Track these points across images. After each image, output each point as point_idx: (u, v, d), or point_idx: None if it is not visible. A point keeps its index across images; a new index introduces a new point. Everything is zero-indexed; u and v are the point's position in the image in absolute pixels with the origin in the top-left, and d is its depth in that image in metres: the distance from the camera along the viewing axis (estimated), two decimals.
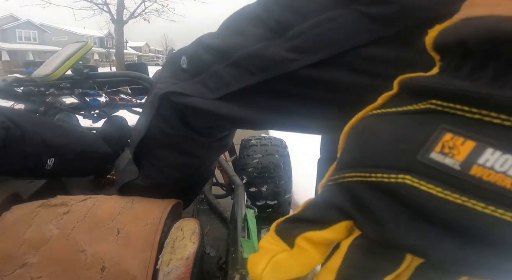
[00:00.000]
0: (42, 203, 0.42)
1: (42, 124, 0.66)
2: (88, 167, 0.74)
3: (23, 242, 0.35)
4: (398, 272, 0.15)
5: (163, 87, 0.37)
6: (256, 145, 1.20)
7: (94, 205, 0.41)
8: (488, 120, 0.12)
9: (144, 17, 11.47)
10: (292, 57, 0.26)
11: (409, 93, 0.16)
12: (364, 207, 0.15)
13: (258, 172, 1.12)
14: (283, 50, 0.27)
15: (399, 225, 0.14)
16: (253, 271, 0.18)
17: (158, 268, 0.34)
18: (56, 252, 0.35)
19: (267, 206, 1.13)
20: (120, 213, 0.40)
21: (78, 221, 0.38)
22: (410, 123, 0.15)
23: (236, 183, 0.69)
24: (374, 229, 0.15)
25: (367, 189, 0.15)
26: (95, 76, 0.86)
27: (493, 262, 0.13)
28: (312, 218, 0.18)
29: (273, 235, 0.19)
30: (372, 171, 0.15)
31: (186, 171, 0.45)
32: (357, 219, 0.16)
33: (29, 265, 0.33)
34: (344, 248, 0.16)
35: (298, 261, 0.17)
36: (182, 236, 0.38)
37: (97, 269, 0.33)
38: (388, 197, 0.15)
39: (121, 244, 0.36)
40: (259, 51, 0.28)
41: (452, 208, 0.13)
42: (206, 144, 0.41)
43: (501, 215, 0.12)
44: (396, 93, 0.17)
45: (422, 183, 0.13)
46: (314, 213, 0.18)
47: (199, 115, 0.35)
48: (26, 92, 0.81)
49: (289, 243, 0.18)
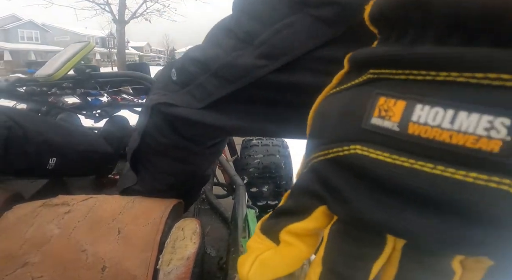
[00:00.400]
0: (44, 203, 0.42)
1: (44, 124, 0.66)
2: (90, 167, 0.75)
3: (25, 242, 0.35)
4: (385, 256, 0.14)
5: (154, 98, 0.39)
6: (257, 145, 1.20)
7: (95, 205, 0.41)
8: (412, 79, 0.13)
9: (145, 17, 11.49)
10: (261, 63, 0.28)
11: (355, 68, 0.16)
12: (331, 187, 0.15)
13: (259, 172, 1.12)
14: (253, 58, 0.29)
15: (361, 200, 0.14)
16: (240, 273, 0.18)
17: (158, 268, 0.34)
18: (57, 251, 0.35)
19: (268, 206, 1.13)
20: (121, 213, 0.40)
21: (79, 221, 0.38)
22: (354, 95, 0.15)
23: (237, 183, 0.69)
24: (343, 208, 0.14)
25: (328, 167, 0.15)
26: (97, 76, 0.86)
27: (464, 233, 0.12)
28: (291, 209, 0.17)
29: (259, 234, 0.18)
30: (329, 148, 0.15)
31: (181, 177, 0.46)
32: (328, 201, 0.15)
33: (30, 264, 0.33)
34: (326, 236, 0.16)
35: (284, 257, 0.17)
36: (183, 236, 0.38)
37: (97, 269, 0.33)
38: (346, 171, 0.14)
39: (122, 243, 0.36)
40: (232, 60, 0.30)
41: (402, 172, 0.12)
42: (198, 152, 0.43)
43: (452, 174, 0.11)
44: (347, 71, 0.17)
45: (371, 150, 0.13)
46: (292, 204, 0.17)
47: (188, 124, 0.37)
48: (28, 92, 0.81)
49: (275, 240, 0.17)
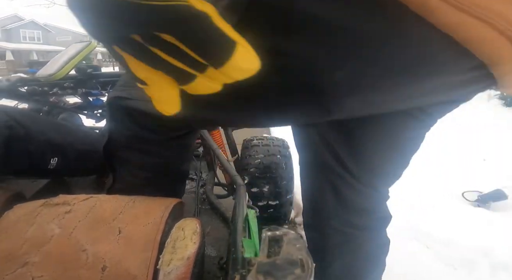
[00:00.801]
0: (44, 202, 0.42)
1: (45, 123, 0.66)
2: (91, 167, 0.75)
3: (25, 241, 0.35)
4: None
5: (111, 94, 0.42)
6: (258, 145, 1.20)
7: (95, 205, 0.41)
8: None
9: None
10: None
11: None
12: None
13: (259, 172, 1.12)
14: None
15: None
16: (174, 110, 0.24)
17: (158, 268, 0.34)
18: (58, 251, 0.35)
19: (268, 206, 1.13)
20: (122, 213, 0.40)
21: (79, 221, 0.38)
22: None
23: (238, 183, 0.69)
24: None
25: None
26: (99, 76, 0.86)
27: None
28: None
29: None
30: None
31: (154, 171, 0.47)
32: None
33: (31, 264, 0.33)
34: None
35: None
36: (183, 236, 0.38)
37: (98, 269, 0.33)
38: None
39: (122, 243, 0.36)
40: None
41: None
42: (162, 143, 0.44)
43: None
44: None
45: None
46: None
47: (143, 115, 0.39)
48: (30, 92, 0.81)
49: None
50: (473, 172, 1.82)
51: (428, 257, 1.06)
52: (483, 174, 1.79)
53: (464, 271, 0.98)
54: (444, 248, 1.09)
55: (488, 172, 1.83)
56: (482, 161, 2.02)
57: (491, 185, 1.51)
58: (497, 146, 2.37)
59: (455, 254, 1.05)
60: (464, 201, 1.46)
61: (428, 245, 1.13)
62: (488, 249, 1.04)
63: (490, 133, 2.75)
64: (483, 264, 0.99)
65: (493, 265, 0.98)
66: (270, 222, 1.18)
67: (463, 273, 0.98)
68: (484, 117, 3.40)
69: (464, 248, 1.07)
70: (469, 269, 0.98)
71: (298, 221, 1.35)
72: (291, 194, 1.21)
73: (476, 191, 1.50)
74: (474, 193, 1.48)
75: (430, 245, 1.13)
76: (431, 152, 2.18)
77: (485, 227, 1.23)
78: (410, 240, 1.17)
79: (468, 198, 1.45)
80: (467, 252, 1.05)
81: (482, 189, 1.49)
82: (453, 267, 1.01)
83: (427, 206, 1.40)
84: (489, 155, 2.11)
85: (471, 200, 1.44)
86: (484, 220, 1.28)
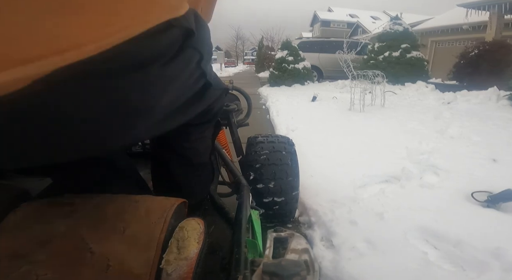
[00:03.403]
0: (50, 201, 0.42)
1: None
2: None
3: (30, 240, 0.36)
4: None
5: None
6: (263, 142, 1.19)
7: (100, 204, 0.42)
8: None
9: None
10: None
11: None
12: None
13: (265, 169, 1.11)
14: None
15: None
16: None
17: (161, 267, 0.34)
18: (62, 250, 0.35)
19: (274, 203, 1.12)
20: (126, 212, 0.40)
21: (84, 220, 0.39)
22: None
23: (242, 184, 0.69)
24: None
25: None
26: None
27: None
28: None
29: None
30: None
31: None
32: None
33: (36, 262, 0.33)
34: None
35: None
36: (186, 236, 0.38)
37: (102, 267, 0.33)
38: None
39: (126, 242, 0.36)
40: None
41: None
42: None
43: None
44: None
45: None
46: None
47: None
48: None
49: None
50: (483, 173, 1.78)
51: (437, 258, 1.04)
52: (493, 175, 1.75)
53: (473, 273, 0.96)
54: (453, 249, 1.07)
55: (498, 172, 1.80)
56: (492, 162, 1.98)
57: (501, 185, 1.48)
58: (507, 146, 2.32)
59: (464, 255, 1.03)
60: (474, 201, 1.43)
61: (436, 246, 1.11)
62: (498, 250, 1.02)
63: (500, 134, 2.70)
64: (493, 266, 0.97)
65: (504, 267, 0.96)
66: (276, 220, 1.17)
67: (473, 274, 0.96)
68: (493, 118, 3.34)
69: (473, 249, 1.05)
70: (478, 270, 0.97)
71: (302, 220, 1.35)
72: (297, 190, 1.20)
73: (485, 191, 1.47)
74: (483, 193, 1.45)
75: (439, 246, 1.11)
76: (439, 152, 2.15)
77: (495, 228, 1.21)
78: (419, 240, 1.15)
79: (477, 199, 1.43)
80: (477, 253, 1.03)
81: (492, 190, 1.46)
82: (462, 268, 0.99)
83: (436, 207, 1.38)
84: (499, 156, 2.07)
85: (481, 201, 1.41)
86: (494, 221, 1.26)
